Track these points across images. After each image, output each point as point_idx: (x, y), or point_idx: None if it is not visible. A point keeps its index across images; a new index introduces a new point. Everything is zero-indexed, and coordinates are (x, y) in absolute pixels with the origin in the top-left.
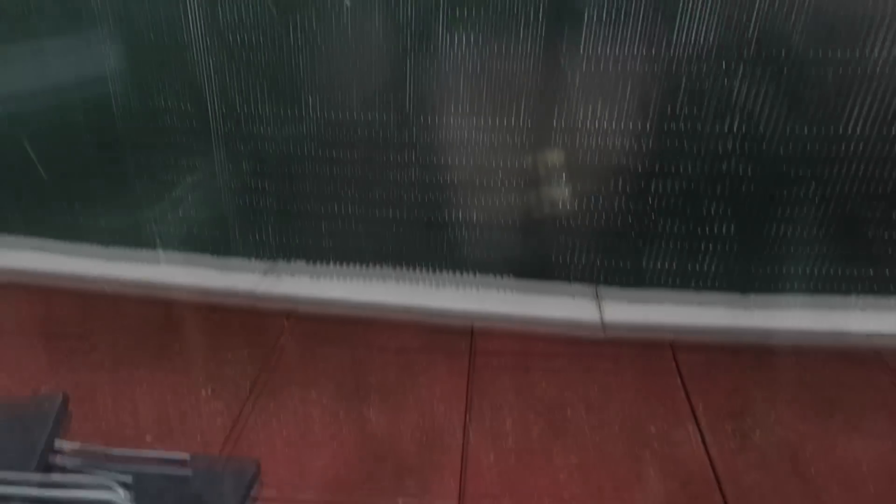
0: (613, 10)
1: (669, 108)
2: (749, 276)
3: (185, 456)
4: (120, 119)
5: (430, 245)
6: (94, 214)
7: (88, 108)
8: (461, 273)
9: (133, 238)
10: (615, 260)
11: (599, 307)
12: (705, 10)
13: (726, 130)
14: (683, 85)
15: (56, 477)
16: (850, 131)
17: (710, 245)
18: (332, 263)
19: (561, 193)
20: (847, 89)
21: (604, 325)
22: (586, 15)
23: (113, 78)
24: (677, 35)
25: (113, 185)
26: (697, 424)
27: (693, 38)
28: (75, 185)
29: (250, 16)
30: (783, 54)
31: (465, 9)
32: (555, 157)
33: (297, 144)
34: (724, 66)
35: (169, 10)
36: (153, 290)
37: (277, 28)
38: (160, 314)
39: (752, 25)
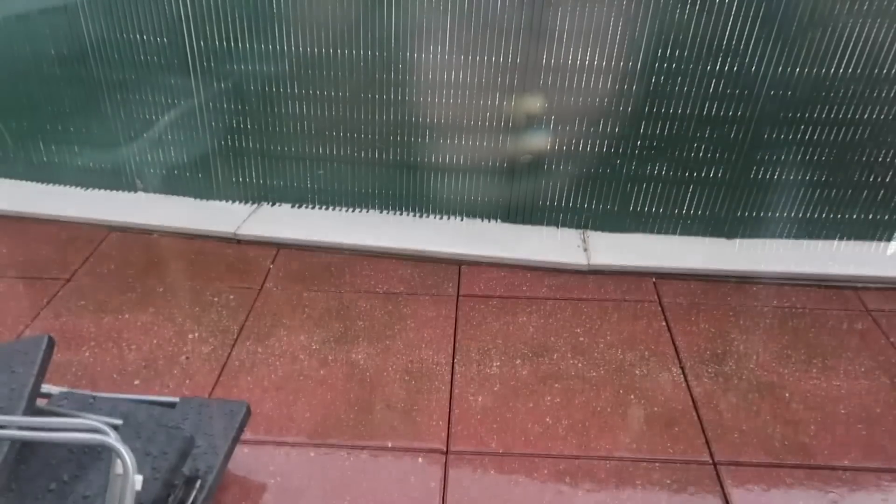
0: None
1: (659, 48)
2: (735, 220)
3: (174, 399)
4: (92, 53)
5: (416, 188)
6: (70, 153)
7: (59, 40)
8: (448, 216)
9: (112, 179)
10: (603, 203)
11: (586, 250)
12: None
13: (716, 70)
14: (674, 23)
15: (46, 420)
16: (839, 73)
17: (697, 188)
18: (317, 206)
19: (548, 135)
20: (837, 30)
21: (590, 268)
22: None
23: (83, 6)
24: None
25: (88, 124)
26: (681, 365)
27: None
28: (47, 125)
29: None
30: None
31: None
32: (542, 97)
33: (280, 83)
34: (715, 4)
35: None
36: (135, 233)
37: None
38: (143, 258)
39: None
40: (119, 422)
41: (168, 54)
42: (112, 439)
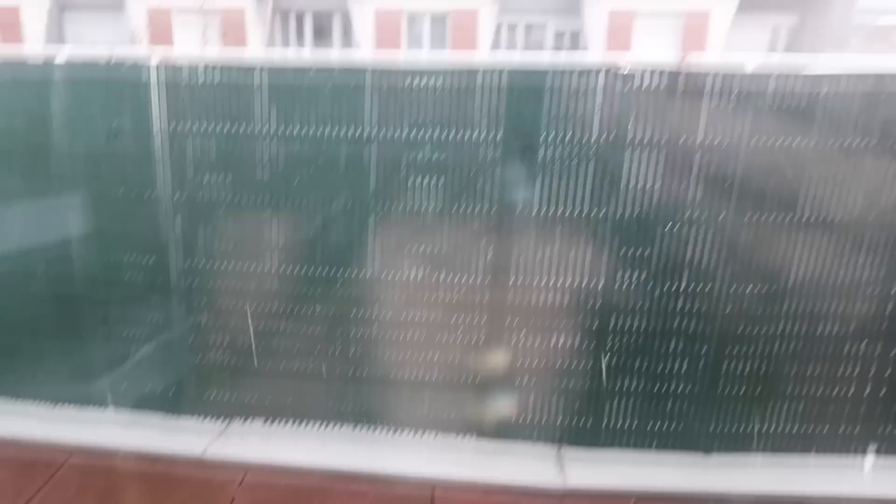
0: (564, 174)
1: (620, 268)
2: (708, 435)
3: None
4: (79, 273)
5: (390, 404)
6: (41, 371)
7: (50, 261)
8: (422, 433)
9: (82, 396)
10: (577, 419)
11: (562, 469)
12: (649, 173)
13: (674, 289)
14: (632, 244)
15: None
16: (788, 288)
17: (670, 403)
18: (288, 423)
19: (520, 352)
20: (783, 248)
21: (566, 491)
22: (539, 179)
23: (77, 232)
24: (624, 197)
25: (63, 342)
26: None
27: (638, 200)
28: (24, 341)
29: (218, 173)
30: (723, 216)
31: (427, 172)
32: (512, 315)
33: (258, 300)
34: (669, 227)
35: (139, 166)
36: (98, 455)
37: (245, 185)
38: (103, 484)
39: (693, 188)
40: None
41: (153, 275)
42: None
